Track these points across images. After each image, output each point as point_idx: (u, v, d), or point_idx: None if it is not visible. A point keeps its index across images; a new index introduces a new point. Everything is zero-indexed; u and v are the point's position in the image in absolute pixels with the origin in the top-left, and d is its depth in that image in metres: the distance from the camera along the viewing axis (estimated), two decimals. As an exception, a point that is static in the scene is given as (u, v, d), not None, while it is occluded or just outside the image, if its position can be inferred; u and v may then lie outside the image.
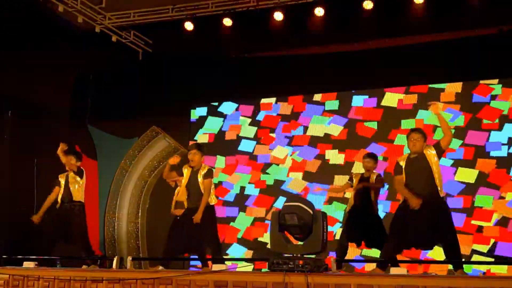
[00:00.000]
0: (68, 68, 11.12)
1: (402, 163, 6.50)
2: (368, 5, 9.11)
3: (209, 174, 7.13)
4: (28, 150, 9.96)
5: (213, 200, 7.19)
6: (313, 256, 5.51)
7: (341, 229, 7.99)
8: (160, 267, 6.83)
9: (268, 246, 6.78)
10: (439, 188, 6.28)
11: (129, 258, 6.62)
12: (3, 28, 9.58)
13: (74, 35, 10.61)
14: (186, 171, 7.23)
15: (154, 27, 10.44)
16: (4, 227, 9.39)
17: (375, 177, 7.56)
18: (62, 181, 7.93)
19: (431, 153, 6.37)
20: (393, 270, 5.54)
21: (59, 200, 7.84)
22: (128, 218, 10.88)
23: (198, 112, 10.82)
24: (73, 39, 10.68)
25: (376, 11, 9.06)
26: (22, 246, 8.70)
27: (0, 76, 9.62)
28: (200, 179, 7.09)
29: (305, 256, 5.46)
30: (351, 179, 7.81)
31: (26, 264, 6.67)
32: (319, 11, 9.33)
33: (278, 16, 9.49)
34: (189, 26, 9.99)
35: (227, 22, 9.83)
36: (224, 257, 8.71)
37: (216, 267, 5.82)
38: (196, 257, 7.58)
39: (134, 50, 10.94)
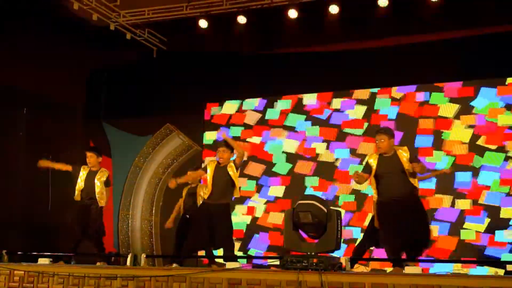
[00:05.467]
0: (82, 65, 11.16)
1: (373, 162, 6.41)
2: (383, 2, 9.05)
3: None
4: (43, 147, 9.99)
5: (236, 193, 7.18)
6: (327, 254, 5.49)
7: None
8: (174, 265, 6.83)
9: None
10: (415, 187, 6.28)
11: (143, 255, 6.62)
12: (18, 25, 9.63)
13: (89, 33, 10.65)
14: (211, 168, 7.14)
15: (169, 25, 10.44)
16: (19, 224, 9.43)
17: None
18: (84, 173, 7.83)
19: (402, 154, 6.31)
20: (408, 269, 5.51)
21: (78, 195, 7.76)
22: (142, 216, 10.90)
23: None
24: (88, 37, 10.73)
25: (391, 9, 8.99)
26: (40, 243, 8.75)
27: (15, 73, 9.68)
28: (231, 173, 7.02)
29: (319, 254, 5.44)
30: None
31: (41, 260, 6.69)
32: (333, 9, 9.28)
33: (293, 13, 9.45)
34: (203, 23, 9.98)
35: (242, 19, 9.81)
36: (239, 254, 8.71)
37: (230, 265, 5.82)
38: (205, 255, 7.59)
39: (148, 47, 10.95)
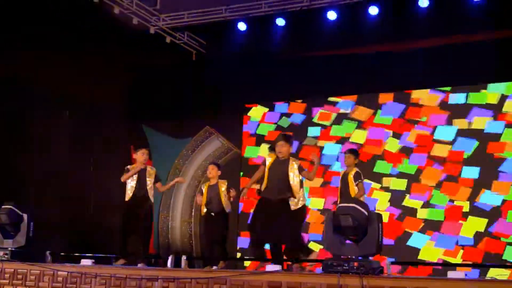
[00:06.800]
0: (123, 68, 11.31)
1: (268, 163, 6.98)
2: (424, 3, 8.96)
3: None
4: (85, 149, 10.17)
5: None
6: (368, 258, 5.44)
7: None
8: (214, 267, 6.86)
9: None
10: (292, 194, 6.84)
11: (184, 257, 6.67)
12: (62, 29, 9.80)
13: (129, 36, 10.79)
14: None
15: (208, 28, 10.50)
16: (62, 225, 9.59)
17: (353, 173, 7.83)
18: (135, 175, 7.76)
19: (293, 164, 6.88)
20: (451, 274, 5.42)
21: (130, 193, 7.67)
22: (181, 218, 10.97)
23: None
24: (128, 40, 10.86)
25: (432, 9, 8.89)
26: (82, 244, 8.88)
27: (59, 76, 9.85)
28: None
29: (360, 258, 5.40)
30: None
31: (84, 261, 6.78)
32: (373, 10, 9.22)
33: (332, 15, 9.42)
34: (242, 26, 10.01)
35: (280, 22, 9.82)
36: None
37: (270, 267, 5.81)
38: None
39: (187, 51, 11.03)
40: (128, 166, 7.79)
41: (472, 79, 9.29)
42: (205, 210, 7.79)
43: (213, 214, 7.74)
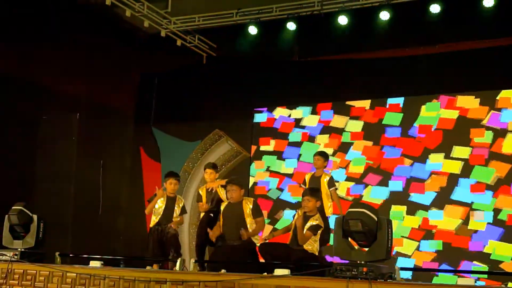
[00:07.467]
0: (134, 71, 11.37)
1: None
2: (435, 8, 8.93)
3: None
4: (95, 151, 10.19)
5: None
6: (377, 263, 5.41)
7: None
8: (223, 270, 6.84)
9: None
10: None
11: (192, 260, 6.66)
12: (73, 32, 9.85)
13: (140, 39, 10.83)
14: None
15: (219, 31, 10.53)
16: (70, 227, 9.61)
17: (328, 179, 7.97)
18: (163, 200, 7.81)
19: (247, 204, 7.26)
20: (460, 281, 5.40)
21: (154, 221, 7.76)
22: (190, 221, 10.97)
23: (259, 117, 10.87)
24: (139, 43, 10.90)
25: (444, 14, 8.86)
26: (90, 245, 8.89)
27: (68, 79, 9.90)
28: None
29: (369, 263, 5.37)
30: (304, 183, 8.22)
31: (92, 263, 6.79)
32: (384, 15, 9.20)
33: (343, 20, 9.41)
34: (253, 30, 10.03)
35: (291, 26, 9.82)
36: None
37: (278, 271, 5.79)
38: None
39: (198, 54, 11.06)
40: (157, 190, 7.80)
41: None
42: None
43: (212, 215, 7.79)
